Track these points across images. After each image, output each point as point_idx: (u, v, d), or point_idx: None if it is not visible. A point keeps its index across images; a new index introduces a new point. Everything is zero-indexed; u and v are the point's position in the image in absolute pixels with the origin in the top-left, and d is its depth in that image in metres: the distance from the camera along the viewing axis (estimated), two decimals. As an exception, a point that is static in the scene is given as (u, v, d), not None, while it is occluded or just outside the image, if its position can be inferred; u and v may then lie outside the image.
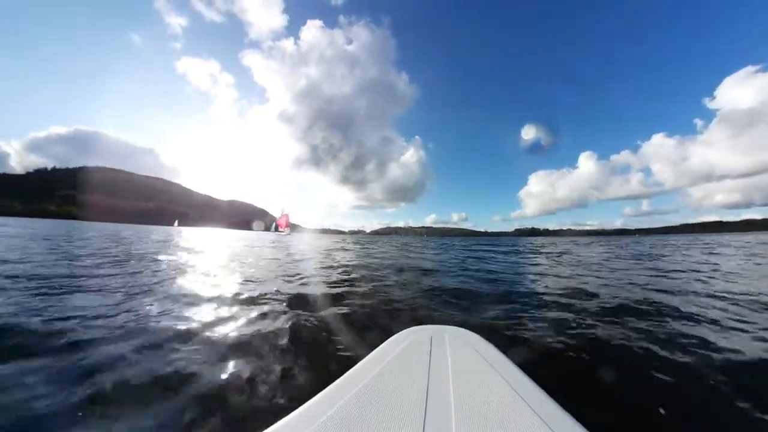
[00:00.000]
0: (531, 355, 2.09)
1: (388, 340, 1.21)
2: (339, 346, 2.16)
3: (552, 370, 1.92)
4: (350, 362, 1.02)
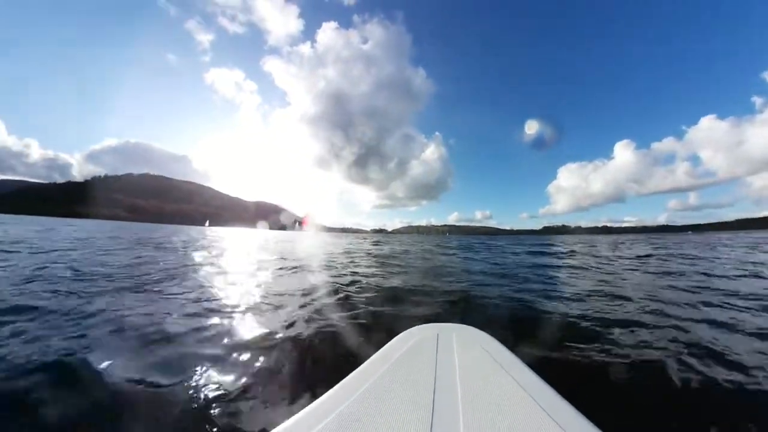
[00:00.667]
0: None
1: (394, 338, 1.19)
2: (347, 346, 2.15)
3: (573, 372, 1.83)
4: (357, 361, 1.03)
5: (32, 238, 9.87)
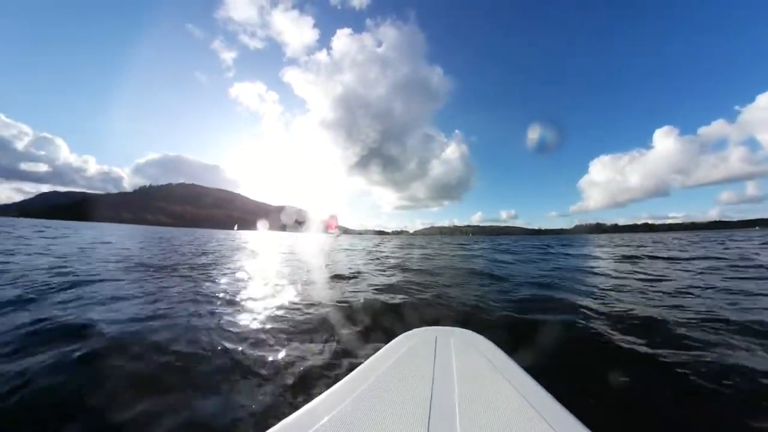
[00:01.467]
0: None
1: (392, 341, 1.19)
2: (347, 347, 2.13)
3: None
4: (353, 363, 1.02)
5: (107, 239, 12.51)
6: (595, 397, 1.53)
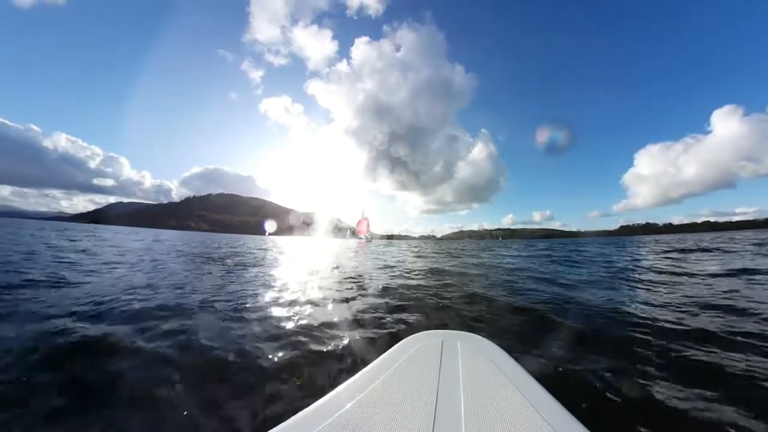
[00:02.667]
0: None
1: (397, 344, 1.18)
2: (349, 349, 2.07)
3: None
4: (358, 366, 1.11)
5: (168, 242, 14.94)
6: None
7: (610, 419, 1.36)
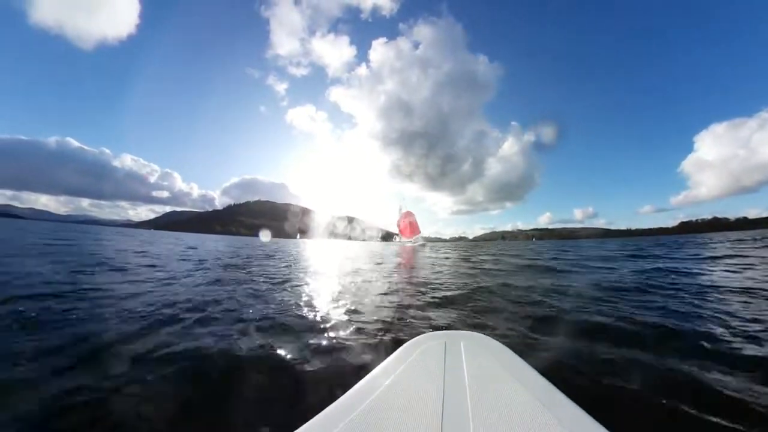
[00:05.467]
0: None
1: (402, 347, 1.18)
2: (353, 354, 2.09)
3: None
4: (363, 371, 1.00)
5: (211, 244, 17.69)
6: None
7: None
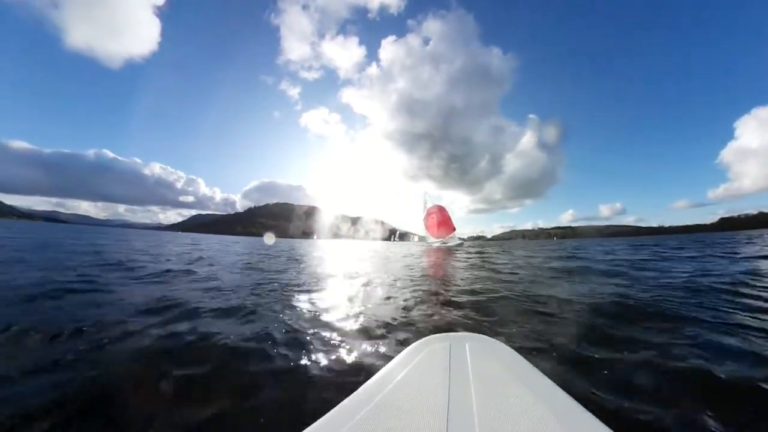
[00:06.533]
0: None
1: (406, 350, 1.15)
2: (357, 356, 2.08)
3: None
4: (366, 374, 1.01)
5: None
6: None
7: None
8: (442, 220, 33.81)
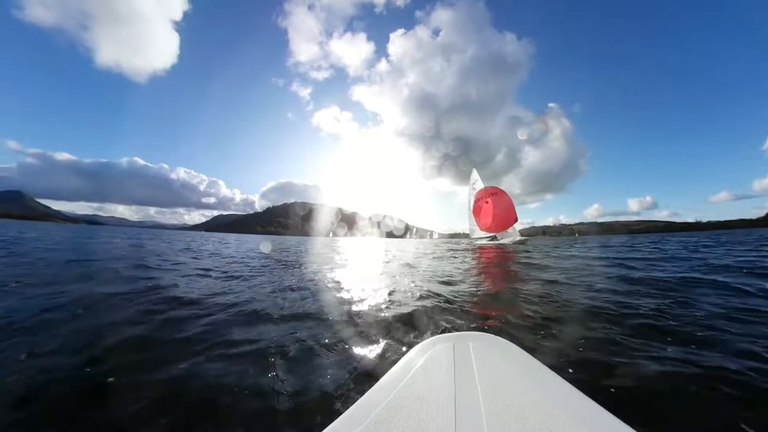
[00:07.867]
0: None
1: (409, 352, 1.14)
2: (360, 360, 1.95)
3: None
4: (372, 377, 1.02)
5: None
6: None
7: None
8: (499, 207, 23.29)
